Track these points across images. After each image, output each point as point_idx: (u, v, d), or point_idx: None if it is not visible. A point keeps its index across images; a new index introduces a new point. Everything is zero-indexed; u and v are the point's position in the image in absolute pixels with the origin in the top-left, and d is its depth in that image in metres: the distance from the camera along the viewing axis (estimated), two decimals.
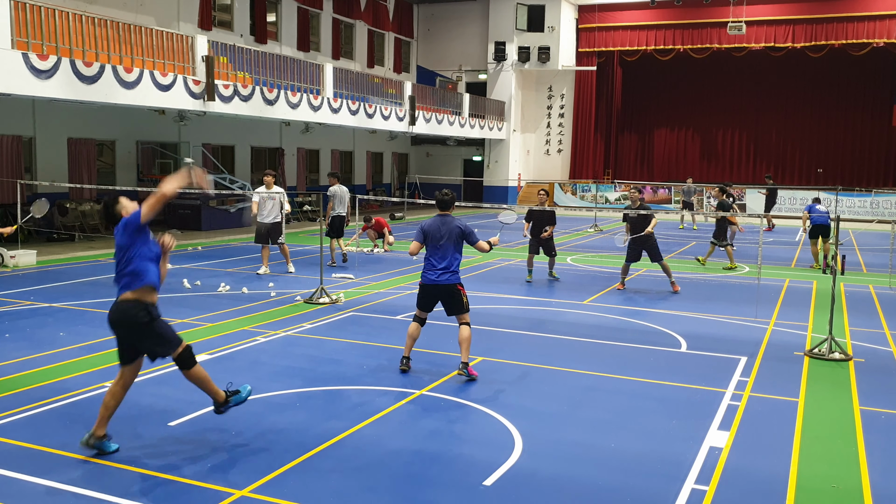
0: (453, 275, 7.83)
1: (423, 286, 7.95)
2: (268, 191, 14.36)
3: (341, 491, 5.25)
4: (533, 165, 38.21)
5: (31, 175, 19.31)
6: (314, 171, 30.65)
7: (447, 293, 7.84)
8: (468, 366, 7.86)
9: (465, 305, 7.87)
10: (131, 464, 5.58)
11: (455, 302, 7.85)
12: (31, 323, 10.01)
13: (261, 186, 14.58)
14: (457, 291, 7.83)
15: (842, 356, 8.91)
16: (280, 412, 6.76)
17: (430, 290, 7.91)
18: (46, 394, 7.11)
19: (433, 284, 7.85)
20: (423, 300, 8.00)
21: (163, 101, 17.94)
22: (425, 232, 7.91)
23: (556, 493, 5.30)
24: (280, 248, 14.59)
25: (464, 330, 7.84)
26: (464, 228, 7.87)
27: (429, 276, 7.87)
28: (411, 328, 8.06)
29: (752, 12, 32.38)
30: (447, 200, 8.03)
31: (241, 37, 25.56)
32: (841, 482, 5.57)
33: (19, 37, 14.81)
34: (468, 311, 7.92)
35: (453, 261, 7.84)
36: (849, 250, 19.76)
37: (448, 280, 7.81)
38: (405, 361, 8.06)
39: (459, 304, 7.85)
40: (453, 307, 7.89)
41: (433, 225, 7.91)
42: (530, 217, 14.36)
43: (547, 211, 14.24)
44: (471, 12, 36.36)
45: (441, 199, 8.03)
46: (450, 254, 7.82)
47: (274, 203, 14.31)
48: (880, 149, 34.28)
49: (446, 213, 7.99)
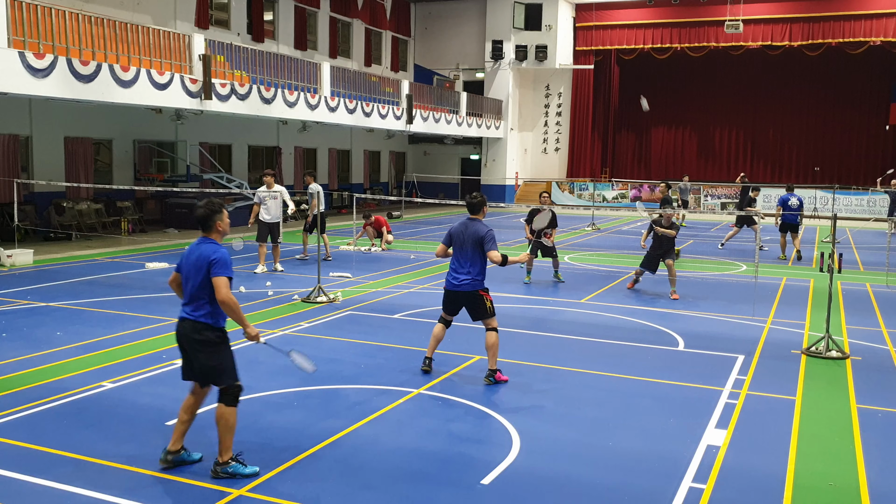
0: (475, 280, 7.67)
1: (447, 291, 7.84)
2: (268, 190, 14.38)
3: (339, 490, 5.25)
4: (530, 164, 38.21)
5: (27, 174, 19.28)
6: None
7: (469, 299, 7.73)
8: (496, 372, 7.72)
9: (489, 310, 7.70)
10: (128, 463, 5.57)
11: (478, 307, 7.72)
12: (28, 322, 10.00)
13: (261, 187, 14.59)
14: (479, 297, 7.69)
15: (839, 354, 8.92)
16: (277, 411, 6.75)
17: (451, 295, 7.80)
18: (43, 393, 7.09)
19: (454, 290, 7.74)
20: (446, 304, 7.90)
21: (160, 99, 17.92)
22: (452, 235, 7.79)
23: (554, 491, 5.30)
24: (275, 247, 14.62)
25: (490, 336, 7.67)
26: (485, 237, 7.56)
27: (451, 281, 7.77)
28: (436, 329, 7.97)
29: (749, 11, 32.41)
30: (475, 203, 7.78)
31: (237, 35, 25.52)
32: (838, 480, 5.58)
33: (16, 35, 14.77)
34: (494, 316, 7.74)
35: (475, 266, 7.65)
36: (846, 249, 19.80)
37: (470, 286, 7.67)
38: (427, 362, 7.99)
39: (483, 310, 7.71)
40: (477, 312, 7.77)
41: (459, 228, 7.76)
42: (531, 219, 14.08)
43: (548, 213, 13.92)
44: (468, 11, 36.34)
45: (469, 202, 7.82)
46: (472, 259, 7.65)
47: (276, 202, 14.34)
48: (877, 147, 34.30)
49: (475, 217, 7.76)
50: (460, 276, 7.69)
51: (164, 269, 14.52)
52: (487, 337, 7.69)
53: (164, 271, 14.27)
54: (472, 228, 7.67)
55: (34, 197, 19.47)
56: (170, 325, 9.86)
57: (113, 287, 12.63)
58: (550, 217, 14.00)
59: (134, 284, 12.90)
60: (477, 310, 7.74)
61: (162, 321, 10.09)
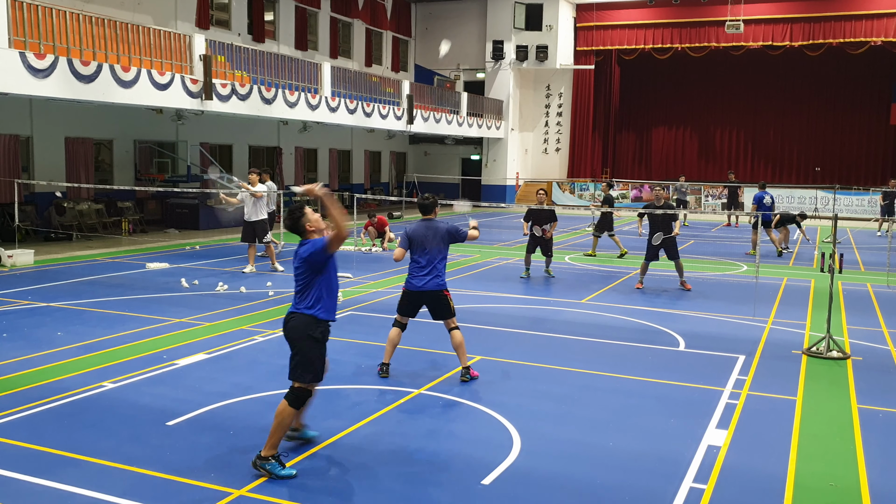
0: (439, 280, 7.72)
1: (409, 293, 7.81)
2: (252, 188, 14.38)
3: (339, 490, 5.25)
4: (531, 164, 38.21)
5: (28, 174, 19.29)
6: (312, 171, 30.64)
7: (434, 298, 7.71)
8: (470, 369, 7.79)
9: (451, 309, 7.73)
10: (129, 463, 5.57)
11: (442, 307, 7.73)
12: (29, 322, 10.00)
13: None
14: (443, 296, 7.71)
15: (840, 355, 8.91)
16: None
17: (415, 296, 7.78)
18: (44, 393, 7.09)
19: (419, 291, 7.72)
20: (407, 306, 7.86)
21: (160, 100, 17.92)
22: (410, 238, 7.76)
23: (554, 492, 5.30)
24: (266, 247, 14.60)
25: (455, 335, 7.71)
26: (451, 229, 7.74)
27: (414, 283, 7.74)
28: (392, 334, 7.87)
29: (750, 11, 32.39)
30: (428, 204, 7.82)
31: (238, 36, 25.53)
32: (839, 480, 5.58)
33: (16, 36, 14.78)
34: (454, 315, 7.78)
35: (439, 265, 7.73)
36: (847, 249, 19.79)
37: (435, 286, 7.68)
38: (384, 368, 7.86)
39: (447, 309, 7.72)
40: (440, 312, 7.77)
41: (418, 230, 7.76)
42: (529, 216, 14.38)
43: (546, 210, 14.26)
44: (469, 11, 36.34)
45: (422, 203, 7.85)
46: (436, 258, 7.70)
47: (257, 201, 14.33)
48: (878, 147, 34.29)
49: (430, 217, 7.83)
50: (425, 277, 7.68)
51: (164, 269, 14.52)
52: (453, 336, 7.70)
53: (165, 271, 14.27)
54: (433, 228, 7.72)
55: (35, 197, 19.49)
56: (170, 325, 9.89)
57: (113, 287, 12.63)
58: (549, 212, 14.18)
59: (135, 285, 12.90)
60: (441, 310, 7.74)
61: (162, 321, 10.10)
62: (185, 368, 8.05)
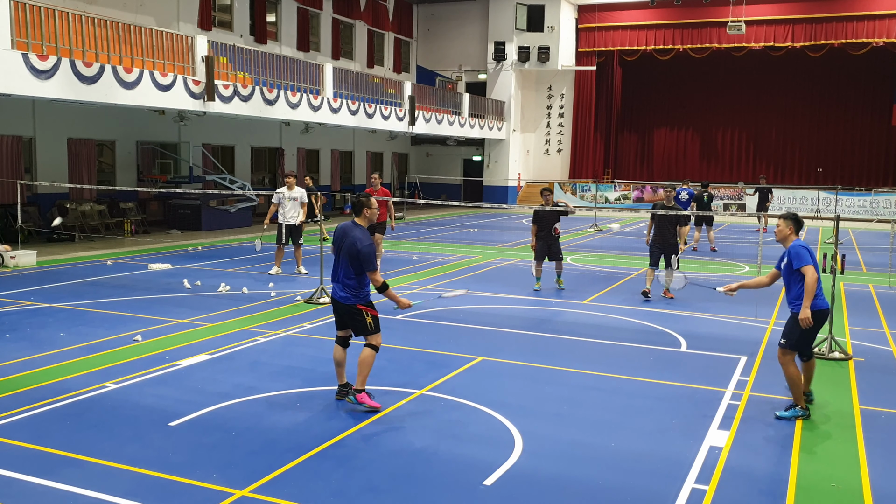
0: (350, 293, 6.73)
1: (332, 300, 6.97)
2: (289, 191, 14.36)
3: (341, 491, 5.25)
4: (533, 165, 38.22)
5: (31, 175, 19.32)
6: (314, 172, 30.65)
7: (347, 313, 6.81)
8: (360, 393, 6.74)
9: (369, 326, 6.76)
10: (132, 464, 5.58)
11: (356, 323, 6.81)
12: (32, 323, 10.01)
13: (282, 188, 14.52)
14: (357, 311, 6.74)
15: (842, 355, 8.91)
16: (280, 412, 6.76)
17: (334, 306, 6.94)
18: (47, 394, 7.11)
19: (334, 301, 6.89)
20: (335, 318, 7.01)
21: (163, 101, 17.95)
22: (334, 239, 6.92)
23: (556, 492, 5.30)
24: (296, 249, 14.58)
25: (364, 351, 6.77)
26: (358, 250, 6.58)
27: (334, 290, 6.88)
28: (334, 353, 7.02)
29: (752, 12, 32.40)
30: (356, 203, 6.86)
31: (240, 37, 25.56)
32: (841, 481, 5.58)
33: (19, 37, 14.81)
34: (378, 332, 6.83)
35: (350, 278, 6.71)
36: (849, 250, 19.77)
37: (344, 299, 6.76)
38: (340, 390, 7.05)
39: (362, 326, 6.78)
40: (356, 328, 6.85)
41: (338, 233, 6.84)
42: (538, 219, 13.38)
43: (554, 211, 13.63)
44: (470, 12, 36.37)
45: (352, 201, 6.95)
46: (345, 270, 6.73)
47: (294, 204, 14.33)
48: (880, 148, 34.28)
49: (358, 222, 6.82)
50: (337, 286, 6.80)
51: (167, 270, 14.54)
52: (362, 351, 6.78)
53: (167, 272, 14.29)
54: (350, 237, 6.69)
55: (37, 198, 19.51)
56: (172, 325, 9.90)
57: (116, 288, 12.64)
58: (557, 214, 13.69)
59: (137, 285, 12.92)
60: (356, 326, 6.82)
61: (165, 322, 10.11)
62: (187, 369, 8.06)
